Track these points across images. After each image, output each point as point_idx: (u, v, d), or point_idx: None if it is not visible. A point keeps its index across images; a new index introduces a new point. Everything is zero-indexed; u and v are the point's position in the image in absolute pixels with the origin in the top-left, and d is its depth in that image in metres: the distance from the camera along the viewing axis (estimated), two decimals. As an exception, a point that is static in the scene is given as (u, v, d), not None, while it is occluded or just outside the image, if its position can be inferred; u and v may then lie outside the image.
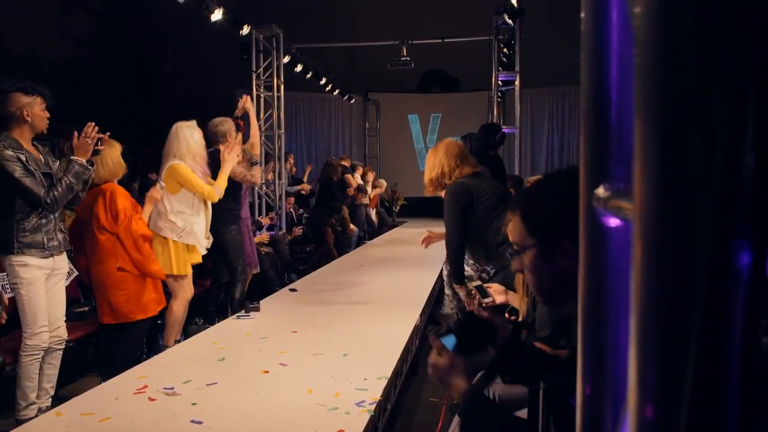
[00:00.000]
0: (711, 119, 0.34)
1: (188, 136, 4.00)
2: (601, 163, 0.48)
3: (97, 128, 3.22)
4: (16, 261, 3.01)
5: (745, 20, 0.33)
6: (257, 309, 4.00)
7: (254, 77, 8.67)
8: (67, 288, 3.44)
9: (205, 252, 4.18)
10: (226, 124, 4.59)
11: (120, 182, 3.87)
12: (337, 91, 12.09)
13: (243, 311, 4.00)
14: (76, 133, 3.22)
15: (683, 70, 0.35)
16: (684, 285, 0.34)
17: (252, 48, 8.55)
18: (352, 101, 13.58)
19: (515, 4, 7.33)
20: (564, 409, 1.00)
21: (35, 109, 3.07)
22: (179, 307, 3.98)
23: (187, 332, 4.24)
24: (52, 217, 3.12)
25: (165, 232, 3.92)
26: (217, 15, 6.77)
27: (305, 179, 9.83)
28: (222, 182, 4.11)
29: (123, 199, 3.62)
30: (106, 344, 3.70)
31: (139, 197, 4.75)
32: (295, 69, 9.69)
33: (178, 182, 3.94)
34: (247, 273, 4.75)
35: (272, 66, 8.90)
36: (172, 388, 2.54)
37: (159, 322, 4.11)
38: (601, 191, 0.48)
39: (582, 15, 0.51)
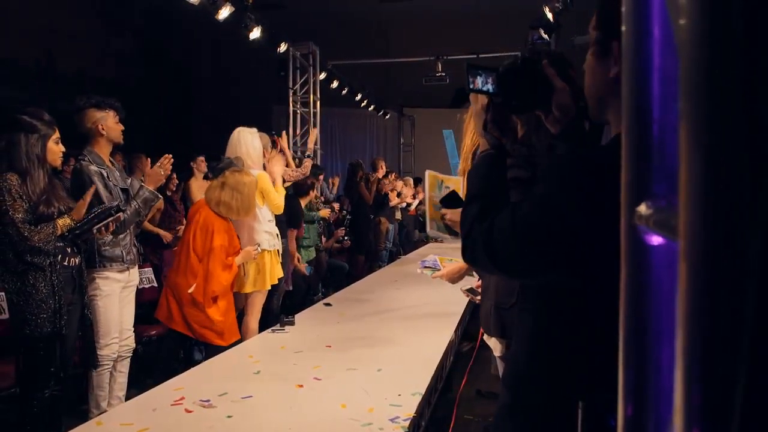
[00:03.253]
0: (759, 133, 0.33)
1: (249, 141, 4.03)
2: (643, 180, 0.47)
3: (172, 161, 3.34)
4: (98, 274, 3.17)
5: None
6: (292, 323, 4.02)
7: (291, 93, 8.82)
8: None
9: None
10: (262, 139, 4.66)
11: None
12: (372, 106, 12.19)
13: (278, 325, 4.03)
14: (149, 160, 3.36)
15: (730, 82, 0.34)
16: (731, 306, 0.33)
17: (289, 65, 8.71)
18: (387, 117, 13.66)
19: (551, 19, 7.30)
20: (604, 430, 0.98)
21: (109, 122, 3.22)
22: (255, 323, 4.03)
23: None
24: (128, 230, 3.25)
25: (264, 245, 3.96)
26: (255, 33, 6.92)
27: (334, 190, 9.77)
28: (282, 193, 4.17)
29: (221, 235, 3.61)
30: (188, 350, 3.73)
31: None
32: (331, 85, 9.83)
33: (261, 192, 3.97)
34: (283, 287, 4.81)
35: (309, 82, 9.04)
36: (208, 401, 2.56)
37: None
38: (643, 208, 0.47)
39: (623, 29, 0.51)
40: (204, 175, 6.03)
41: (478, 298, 2.55)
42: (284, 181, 4.68)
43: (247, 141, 4.01)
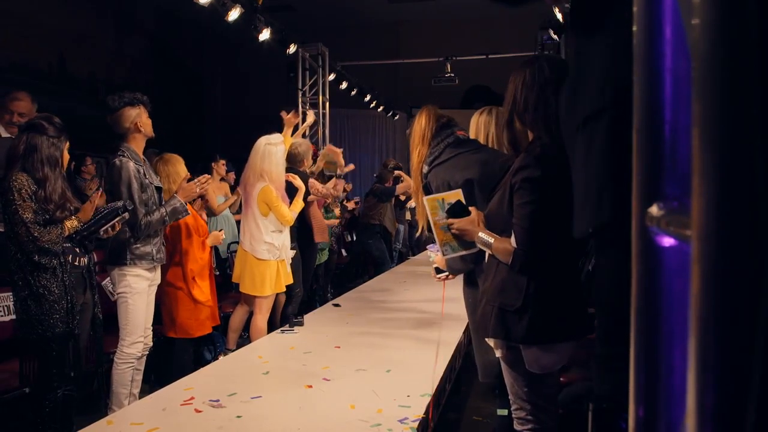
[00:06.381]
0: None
1: (274, 154, 4.08)
2: (655, 182, 0.47)
3: (210, 181, 3.47)
4: (129, 271, 3.21)
5: None
6: (301, 324, 4.04)
7: (300, 95, 8.83)
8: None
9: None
10: (303, 146, 4.67)
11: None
12: (381, 107, 12.17)
13: (287, 326, 4.04)
14: (189, 174, 3.45)
15: (743, 84, 0.34)
16: (745, 308, 0.33)
17: (298, 66, 8.72)
18: (396, 118, 13.64)
19: (561, 19, 7.28)
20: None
21: (143, 118, 3.29)
22: (263, 322, 4.09)
23: (232, 345, 4.31)
24: (158, 232, 3.34)
25: (263, 254, 4.04)
26: (265, 35, 6.94)
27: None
28: (298, 208, 4.27)
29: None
30: (175, 356, 3.80)
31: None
32: (340, 86, 9.82)
33: (266, 204, 4.05)
34: (300, 291, 4.86)
35: (318, 83, 9.05)
36: (217, 401, 2.57)
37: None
38: (654, 210, 0.47)
39: (634, 29, 0.50)
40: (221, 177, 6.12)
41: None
42: (309, 194, 4.74)
43: (271, 154, 4.05)
